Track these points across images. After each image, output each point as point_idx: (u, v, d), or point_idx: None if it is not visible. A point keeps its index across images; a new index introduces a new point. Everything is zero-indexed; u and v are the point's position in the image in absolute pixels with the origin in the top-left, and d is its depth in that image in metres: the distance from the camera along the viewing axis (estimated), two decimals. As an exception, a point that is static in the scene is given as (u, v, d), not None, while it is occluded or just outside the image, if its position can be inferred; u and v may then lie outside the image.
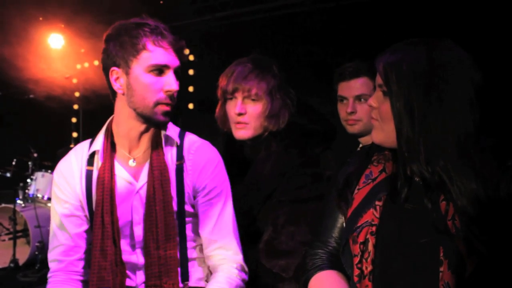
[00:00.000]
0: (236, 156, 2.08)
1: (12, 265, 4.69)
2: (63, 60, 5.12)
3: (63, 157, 1.66)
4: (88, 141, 1.66)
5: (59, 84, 5.28)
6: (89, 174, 1.59)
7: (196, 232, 1.65)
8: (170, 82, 1.51)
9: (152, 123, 1.57)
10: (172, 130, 1.63)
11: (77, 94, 6.16)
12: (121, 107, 1.56)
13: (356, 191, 1.31)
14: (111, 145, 1.58)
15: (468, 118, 1.14)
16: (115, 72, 1.52)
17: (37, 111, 5.88)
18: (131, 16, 1.59)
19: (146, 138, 1.60)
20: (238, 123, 1.92)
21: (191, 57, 5.65)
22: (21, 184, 5.28)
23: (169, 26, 1.61)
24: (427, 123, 1.14)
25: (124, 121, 1.57)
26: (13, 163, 5.42)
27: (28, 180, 5.30)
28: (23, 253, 4.84)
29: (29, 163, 5.33)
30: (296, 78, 2.03)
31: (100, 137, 1.61)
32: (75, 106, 6.56)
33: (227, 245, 1.61)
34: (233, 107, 1.92)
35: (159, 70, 1.50)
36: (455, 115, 1.13)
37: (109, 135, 1.60)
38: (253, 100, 1.89)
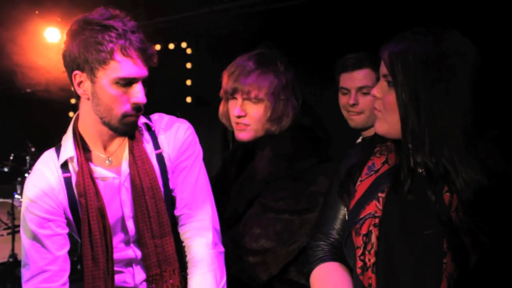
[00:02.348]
0: (236, 153, 2.04)
1: (11, 259, 4.69)
2: (59, 54, 5.06)
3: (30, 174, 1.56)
4: (52, 150, 1.56)
5: (56, 78, 5.24)
6: (68, 182, 1.50)
7: None
8: (137, 94, 1.42)
9: (118, 133, 1.49)
10: (141, 118, 1.55)
11: (74, 88, 6.11)
12: (87, 110, 1.47)
13: (358, 182, 1.30)
14: (83, 149, 1.50)
15: (474, 108, 1.13)
16: (79, 76, 1.42)
17: (34, 105, 5.84)
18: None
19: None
20: (238, 124, 1.83)
21: (189, 51, 5.61)
22: (19, 179, 5.27)
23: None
24: (434, 114, 1.13)
25: (92, 126, 1.49)
26: (11, 157, 5.41)
27: (26, 175, 5.28)
28: (22, 248, 4.84)
29: (27, 157, 5.32)
30: (297, 72, 1.98)
31: (69, 143, 1.51)
32: (72, 100, 6.51)
33: (201, 216, 1.57)
34: (233, 108, 1.82)
35: (127, 82, 1.40)
36: (461, 106, 1.12)
37: (79, 139, 1.51)
38: (253, 102, 1.78)
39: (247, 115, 1.80)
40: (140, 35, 1.41)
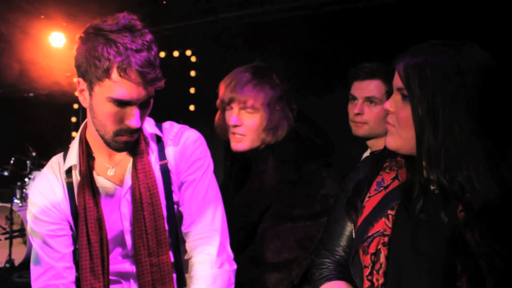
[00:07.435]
0: (238, 165, 2.01)
1: (7, 265, 4.63)
2: (64, 59, 5.07)
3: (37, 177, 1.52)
4: (60, 155, 1.53)
5: (59, 83, 5.23)
6: (70, 189, 1.47)
7: None
8: (130, 118, 1.34)
9: (111, 148, 1.42)
10: (149, 127, 1.50)
11: (77, 93, 6.10)
12: (91, 118, 1.42)
13: (367, 199, 1.25)
14: (87, 157, 1.46)
15: (496, 126, 1.08)
16: (81, 84, 1.37)
17: (37, 110, 5.84)
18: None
19: None
20: (234, 134, 1.85)
21: (193, 58, 5.62)
22: (18, 183, 5.25)
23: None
24: (452, 131, 1.08)
25: (96, 134, 1.43)
26: (11, 161, 5.38)
27: (26, 179, 5.25)
28: (19, 253, 4.79)
29: (28, 162, 5.29)
30: (300, 80, 1.96)
31: (74, 149, 1.47)
32: (75, 106, 6.51)
33: (208, 233, 1.48)
34: (230, 117, 1.85)
35: (122, 103, 1.32)
36: (483, 123, 1.07)
37: (84, 146, 1.47)
38: (249, 112, 1.81)
39: (243, 124, 1.83)
40: (147, 54, 1.30)
